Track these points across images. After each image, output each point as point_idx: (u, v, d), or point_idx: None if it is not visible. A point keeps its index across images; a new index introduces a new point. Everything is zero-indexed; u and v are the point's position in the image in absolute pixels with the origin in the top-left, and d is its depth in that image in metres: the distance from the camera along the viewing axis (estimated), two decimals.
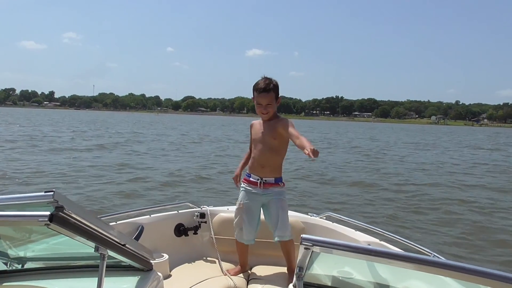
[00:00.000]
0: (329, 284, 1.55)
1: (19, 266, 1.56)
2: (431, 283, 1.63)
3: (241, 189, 2.91)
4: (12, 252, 1.55)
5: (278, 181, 2.81)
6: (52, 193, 0.97)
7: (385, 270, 1.61)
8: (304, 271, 1.39)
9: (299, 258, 1.34)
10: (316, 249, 1.22)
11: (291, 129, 2.65)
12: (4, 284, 1.42)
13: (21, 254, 1.58)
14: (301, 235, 1.25)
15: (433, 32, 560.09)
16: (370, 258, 1.21)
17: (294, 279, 1.42)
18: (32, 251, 1.62)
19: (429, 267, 1.18)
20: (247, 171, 2.90)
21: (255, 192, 2.82)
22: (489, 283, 1.13)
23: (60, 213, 0.98)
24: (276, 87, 2.74)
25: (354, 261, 1.63)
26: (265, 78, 2.75)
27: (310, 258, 1.32)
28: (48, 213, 0.95)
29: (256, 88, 2.73)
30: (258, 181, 2.79)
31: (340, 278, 1.55)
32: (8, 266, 1.54)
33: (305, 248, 1.23)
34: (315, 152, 2.27)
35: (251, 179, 2.84)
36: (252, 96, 2.79)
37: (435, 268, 1.16)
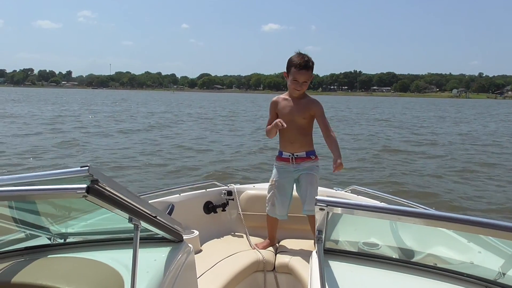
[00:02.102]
0: (354, 251, 1.60)
1: (61, 241, 1.67)
2: (455, 249, 1.65)
3: (274, 166, 2.96)
4: (54, 228, 1.67)
5: (310, 154, 2.82)
6: (87, 167, 1.03)
7: (410, 238, 1.65)
8: (323, 234, 1.42)
9: (317, 222, 1.37)
10: (330, 209, 1.27)
11: (323, 119, 2.79)
12: (49, 256, 1.54)
13: (63, 230, 1.69)
14: (316, 197, 1.29)
15: (455, 1, 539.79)
16: (387, 216, 1.24)
17: (316, 245, 1.48)
18: (72, 228, 1.73)
19: (444, 222, 1.18)
20: (279, 149, 2.92)
21: (287, 169, 2.85)
22: None
23: (95, 185, 1.04)
24: (313, 65, 2.75)
25: (378, 231, 1.69)
26: (303, 55, 2.72)
27: (327, 220, 1.35)
28: (85, 185, 1.01)
29: (295, 64, 2.68)
30: (290, 157, 2.82)
31: (364, 247, 1.60)
32: (51, 241, 1.66)
33: (320, 209, 1.27)
34: (339, 167, 2.61)
35: (283, 156, 2.87)
36: (286, 71, 2.77)
37: (451, 223, 1.16)
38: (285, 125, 2.67)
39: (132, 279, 1.21)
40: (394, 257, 1.56)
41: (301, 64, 2.66)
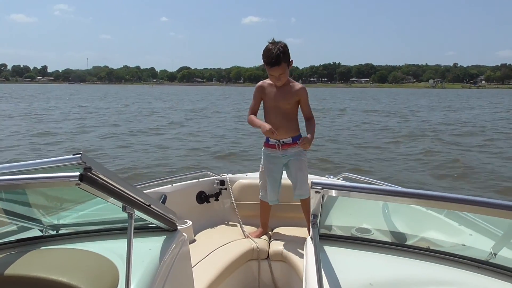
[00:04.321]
0: (347, 235, 1.62)
1: (54, 232, 1.65)
2: (447, 232, 1.67)
3: (262, 152, 2.96)
4: (46, 220, 1.65)
5: (296, 139, 2.81)
6: (79, 155, 1.02)
7: (403, 223, 1.67)
8: (318, 218, 1.43)
9: (313, 206, 1.37)
10: (326, 192, 1.27)
11: (306, 105, 2.83)
12: (42, 248, 1.52)
13: (55, 221, 1.68)
14: (311, 180, 1.28)
15: None
16: (383, 197, 1.26)
17: (311, 229, 1.47)
18: (64, 219, 1.71)
19: (435, 202, 1.18)
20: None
21: (274, 155, 2.86)
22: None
23: (88, 173, 1.03)
24: (286, 54, 2.65)
25: (371, 216, 1.71)
26: (273, 46, 2.64)
27: (322, 204, 1.35)
28: (78, 173, 1.00)
29: (266, 62, 2.66)
30: (276, 144, 2.82)
31: (357, 233, 1.61)
32: (43, 233, 1.64)
33: (315, 192, 1.26)
34: (305, 145, 2.68)
35: (269, 142, 2.88)
36: (263, 63, 2.71)
37: (441, 202, 1.17)
38: (277, 134, 2.71)
39: (127, 268, 1.21)
40: (387, 241, 1.57)
41: (271, 62, 2.63)
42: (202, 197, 3.23)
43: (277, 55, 2.60)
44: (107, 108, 28.71)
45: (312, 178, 3.08)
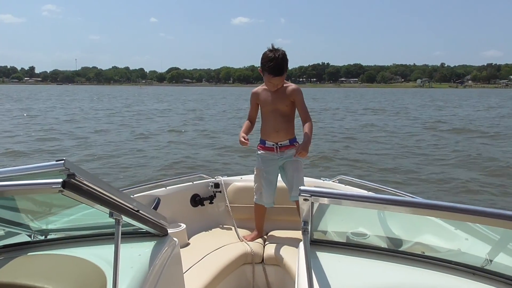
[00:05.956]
0: (342, 241, 1.58)
1: (42, 237, 1.62)
2: (442, 237, 1.66)
3: (257, 155, 2.95)
4: (35, 225, 1.61)
5: (293, 142, 2.85)
6: (62, 161, 1.00)
7: (398, 227, 1.65)
8: (309, 226, 1.40)
9: (302, 213, 1.35)
10: (315, 200, 1.25)
11: (302, 106, 2.81)
12: (29, 254, 1.49)
13: (43, 226, 1.64)
14: (299, 187, 1.27)
15: None
16: (373, 206, 1.24)
17: (302, 235, 1.44)
18: (53, 224, 1.68)
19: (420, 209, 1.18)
20: (261, 137, 2.93)
21: (271, 157, 2.87)
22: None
23: (72, 180, 1.01)
24: (287, 63, 2.72)
25: (366, 220, 1.69)
26: (275, 54, 2.64)
27: (312, 210, 1.34)
28: (60, 180, 0.98)
29: (269, 71, 2.67)
30: (274, 146, 2.84)
31: (353, 237, 1.58)
32: (32, 238, 1.60)
33: (304, 200, 1.25)
34: (301, 154, 2.64)
35: (266, 145, 2.88)
36: (261, 68, 2.75)
37: (432, 210, 1.16)
38: (248, 144, 2.76)
39: (114, 275, 1.19)
40: (382, 246, 1.54)
41: (275, 72, 2.66)
42: (196, 200, 3.18)
43: (282, 66, 2.66)
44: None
45: (307, 181, 3.07)
